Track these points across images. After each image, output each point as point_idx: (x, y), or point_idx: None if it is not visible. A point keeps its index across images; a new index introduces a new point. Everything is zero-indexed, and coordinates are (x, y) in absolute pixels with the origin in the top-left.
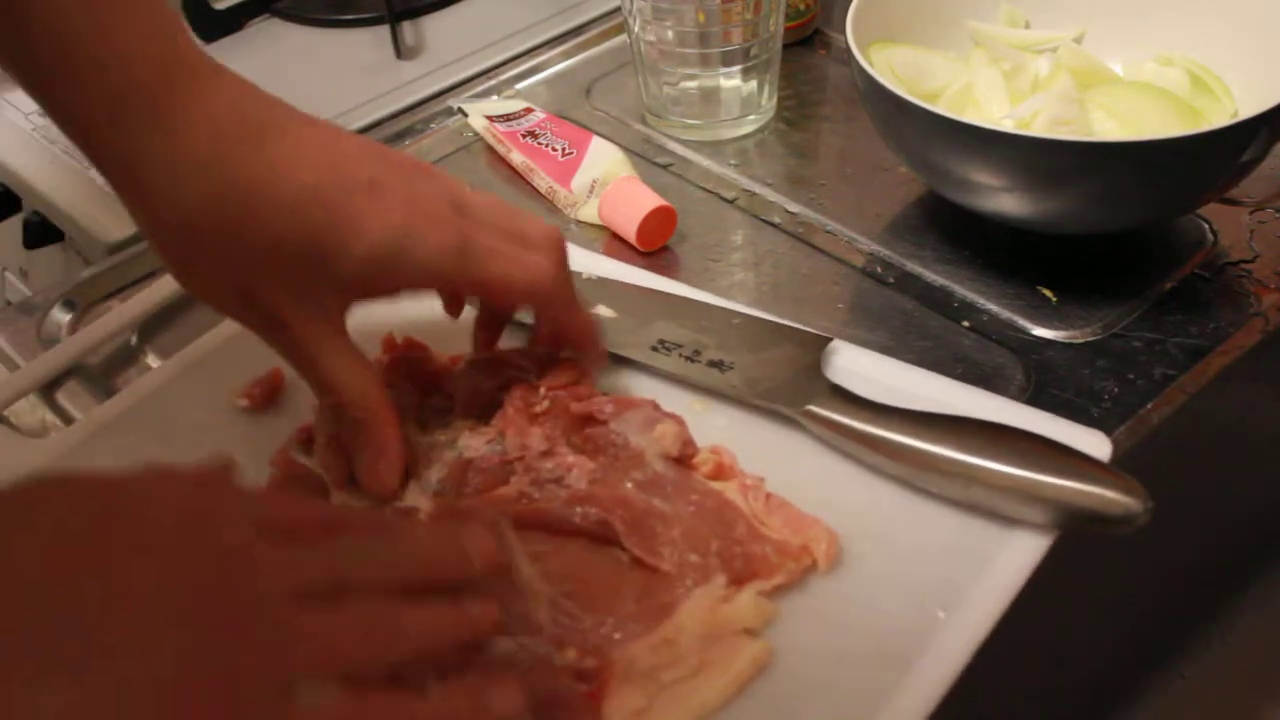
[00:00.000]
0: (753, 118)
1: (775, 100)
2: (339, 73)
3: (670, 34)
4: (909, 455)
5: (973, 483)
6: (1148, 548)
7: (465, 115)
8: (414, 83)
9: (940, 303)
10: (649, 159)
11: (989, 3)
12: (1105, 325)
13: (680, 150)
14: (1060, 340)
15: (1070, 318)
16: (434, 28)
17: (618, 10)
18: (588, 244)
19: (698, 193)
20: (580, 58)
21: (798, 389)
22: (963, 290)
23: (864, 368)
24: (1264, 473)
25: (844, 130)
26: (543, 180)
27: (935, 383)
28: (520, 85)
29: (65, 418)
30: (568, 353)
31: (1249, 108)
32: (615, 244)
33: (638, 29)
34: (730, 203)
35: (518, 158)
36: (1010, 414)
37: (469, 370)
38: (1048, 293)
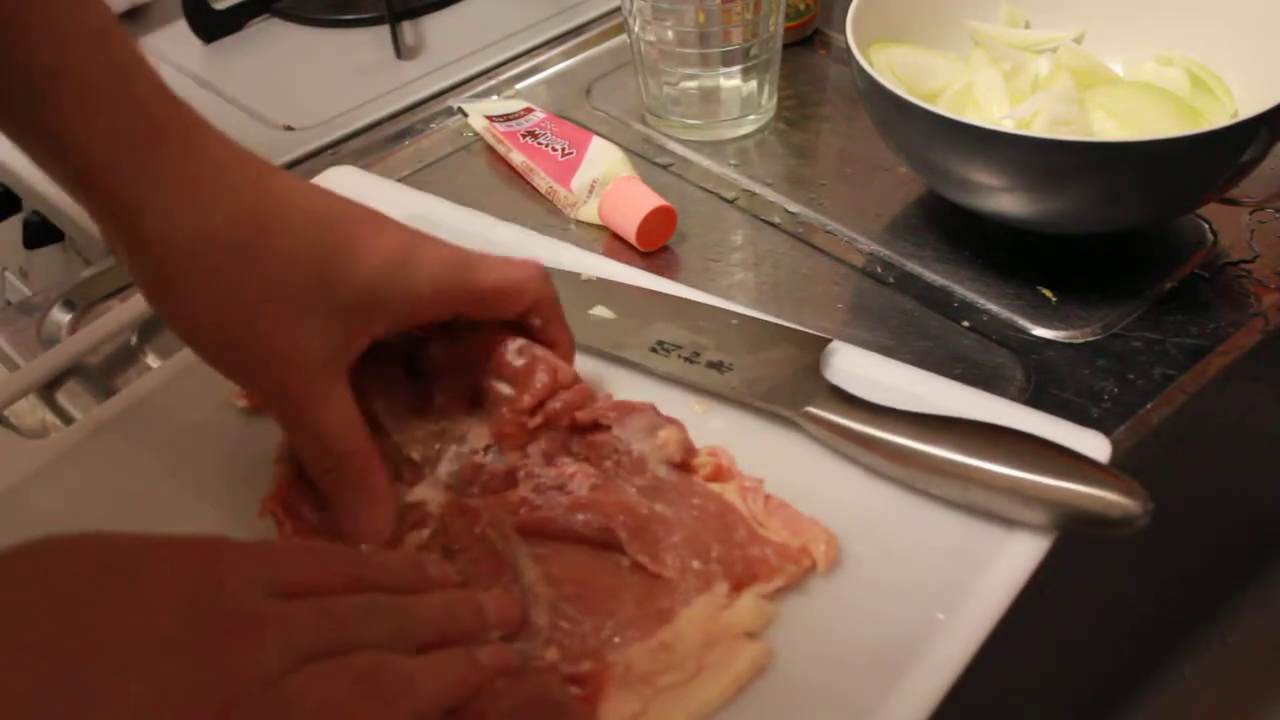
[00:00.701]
0: (753, 118)
1: (775, 100)
2: (339, 73)
3: (670, 34)
4: (908, 457)
5: (972, 484)
6: (1148, 548)
7: (465, 115)
8: (414, 83)
9: (940, 303)
10: (649, 159)
11: (989, 3)
12: (1105, 325)
13: (680, 150)
14: (1060, 340)
15: (1070, 318)
16: (434, 28)
17: (618, 10)
18: (588, 244)
19: (698, 193)
20: (580, 58)
21: (797, 390)
22: (963, 290)
23: (863, 369)
24: (1264, 473)
25: (844, 130)
26: (543, 180)
27: (934, 384)
28: (520, 85)
29: (65, 418)
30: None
31: (1249, 108)
32: (615, 244)
33: (638, 29)
34: (730, 203)
35: (518, 158)
36: (1009, 415)
37: (445, 352)
38: (1048, 293)
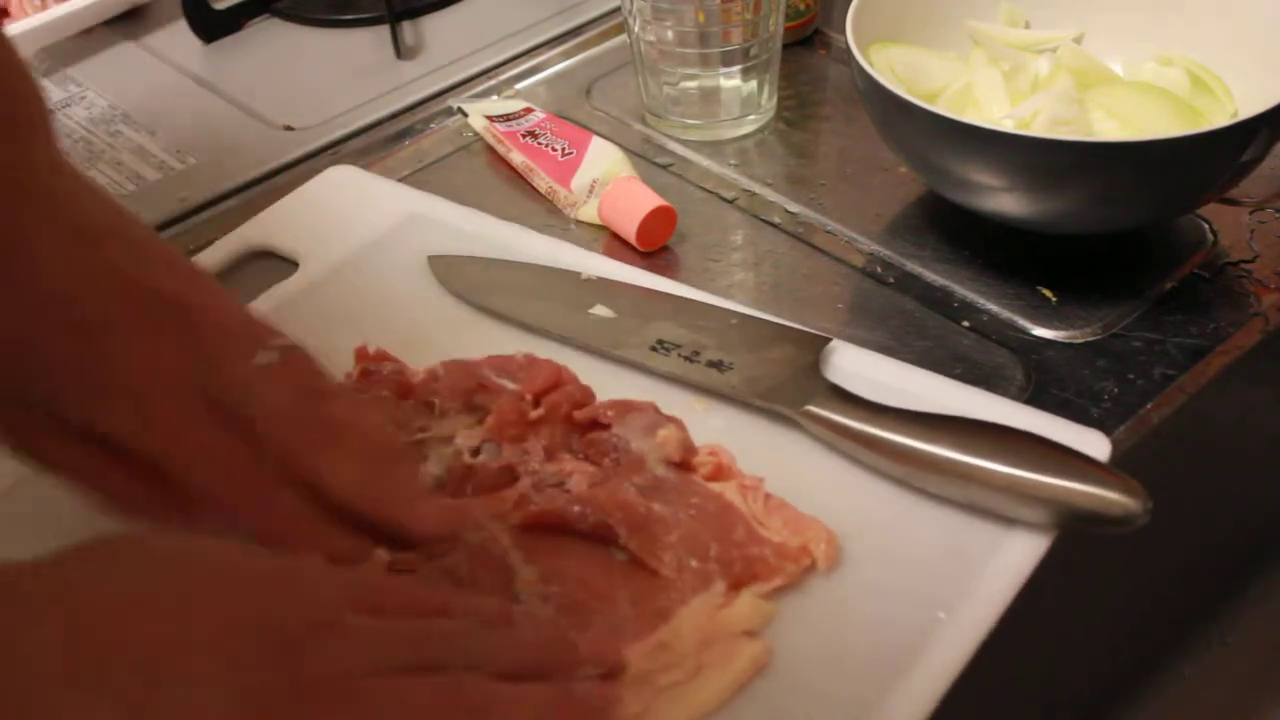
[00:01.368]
0: (753, 118)
1: (775, 100)
2: (339, 73)
3: (670, 34)
4: (908, 455)
5: (972, 483)
6: (1148, 548)
7: (465, 115)
8: (414, 83)
9: (940, 303)
10: (649, 159)
11: (989, 3)
12: (1105, 325)
13: (680, 150)
14: (1060, 340)
15: (1070, 318)
16: (434, 28)
17: (618, 10)
18: (588, 244)
19: (698, 193)
20: (580, 58)
21: (797, 389)
22: (963, 290)
23: (863, 368)
24: (1264, 473)
25: (844, 130)
26: (543, 180)
27: (934, 383)
28: (520, 85)
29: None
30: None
31: (1249, 108)
32: (615, 244)
33: (638, 29)
34: (730, 203)
35: (518, 158)
36: (1009, 414)
37: (446, 374)
38: (1048, 293)
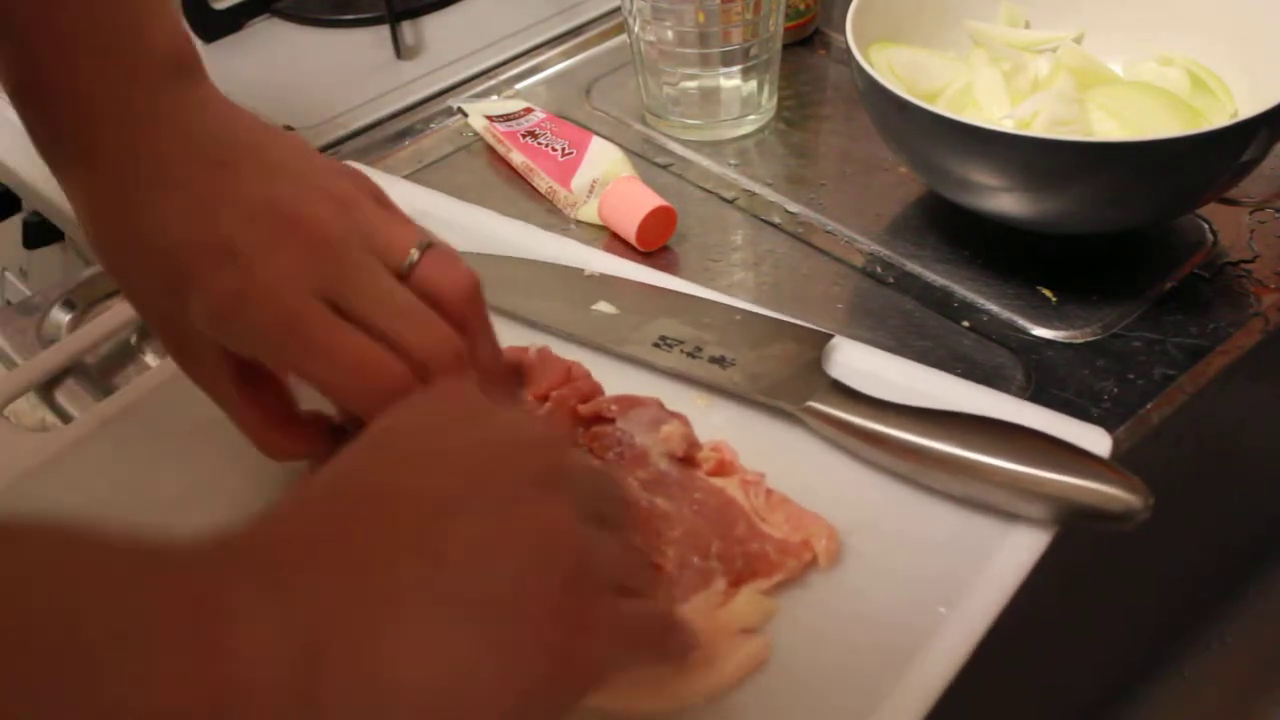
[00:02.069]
0: (753, 118)
1: (775, 100)
2: (339, 73)
3: (670, 34)
4: (910, 451)
5: (973, 478)
6: (1148, 548)
7: (465, 115)
8: (414, 83)
9: (940, 303)
10: (649, 159)
11: (989, 3)
12: (1105, 325)
13: (680, 150)
14: (1060, 340)
15: (1070, 318)
16: (434, 28)
17: (618, 10)
18: (588, 244)
19: (698, 193)
20: (580, 58)
21: (799, 385)
22: (963, 290)
23: (864, 364)
24: (1264, 473)
25: (844, 130)
26: (543, 180)
27: (936, 379)
28: (520, 85)
29: (64, 416)
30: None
31: (1249, 108)
32: (615, 244)
33: (638, 29)
34: (730, 203)
35: (518, 158)
36: (1011, 410)
37: None
38: (1048, 293)
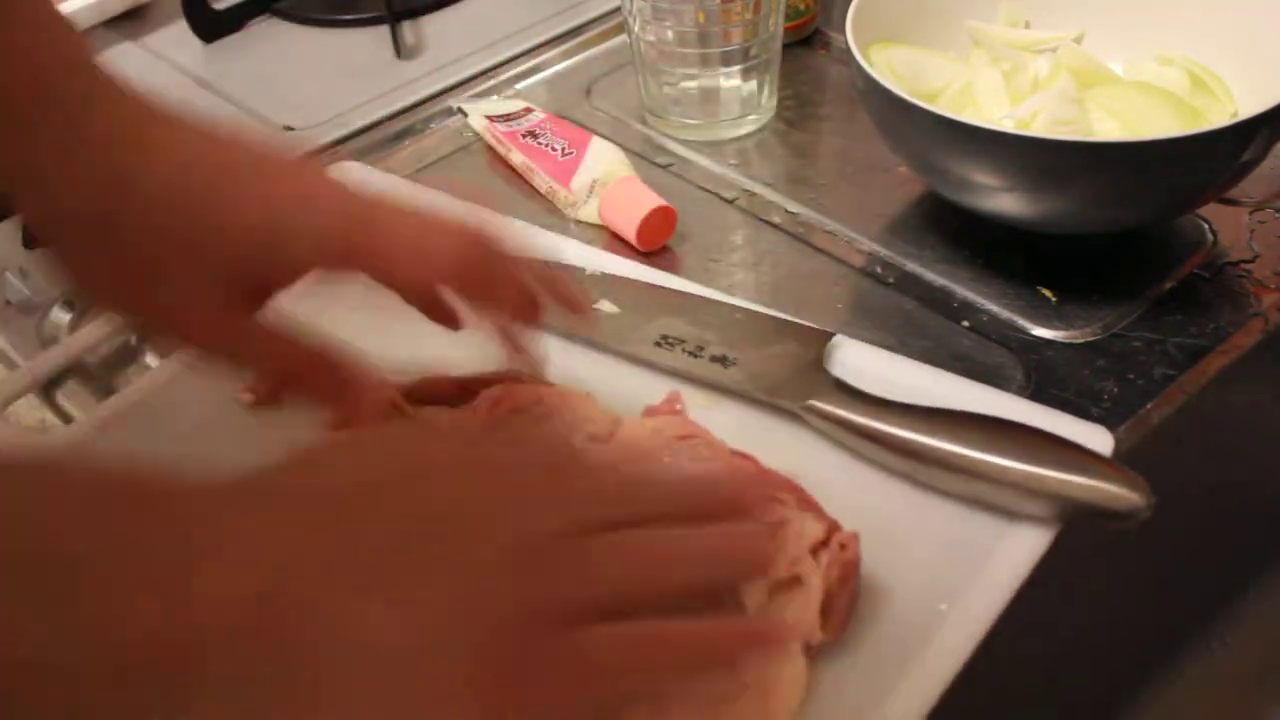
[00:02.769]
0: (753, 118)
1: (775, 100)
2: (339, 73)
3: (670, 34)
4: (911, 450)
5: (975, 477)
6: (1148, 547)
7: (465, 115)
8: (414, 83)
9: (940, 303)
10: (649, 159)
11: (989, 3)
12: (1105, 325)
13: (680, 150)
14: (1060, 340)
15: (1070, 318)
16: (434, 28)
17: (618, 10)
18: (588, 244)
19: (698, 193)
20: (580, 58)
21: (800, 384)
22: (963, 290)
23: (866, 363)
24: (1264, 473)
25: (844, 130)
26: (543, 180)
27: (937, 377)
28: (520, 85)
29: (65, 417)
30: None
31: (1249, 108)
32: (615, 244)
33: (638, 29)
34: (730, 203)
35: (518, 158)
36: (1012, 408)
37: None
38: (1048, 293)
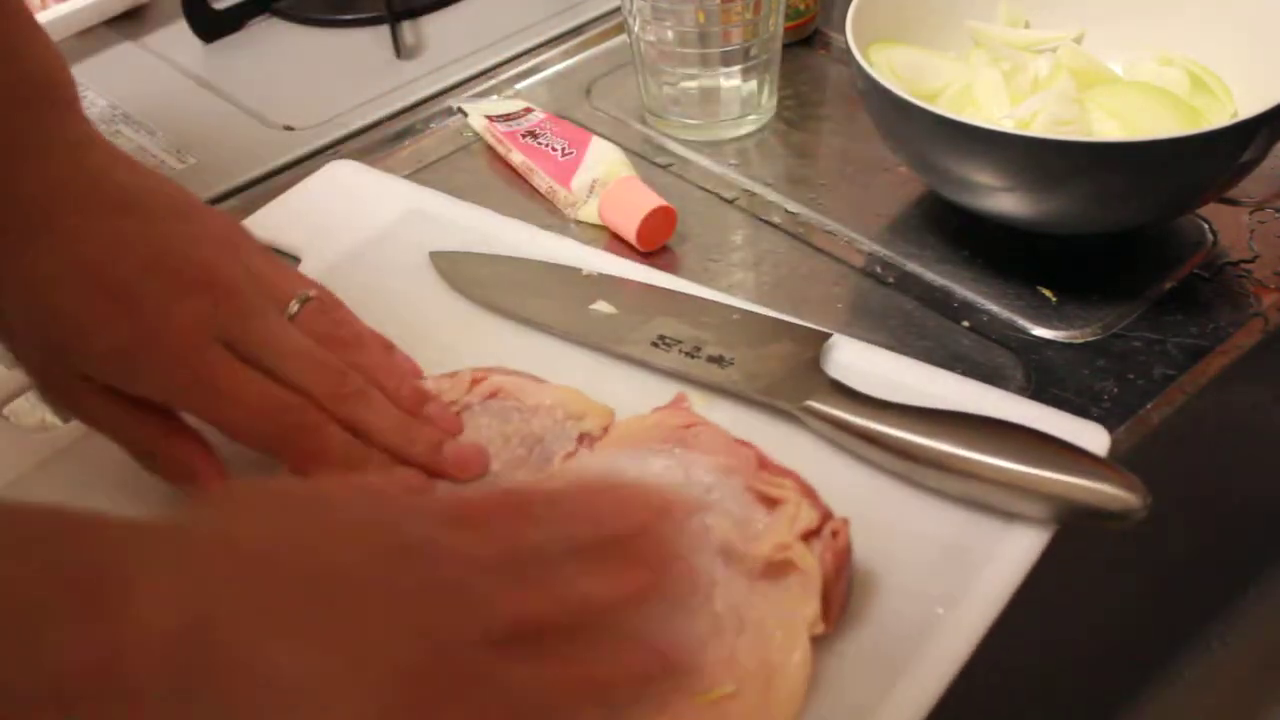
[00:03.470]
0: (753, 118)
1: (775, 100)
2: (339, 73)
3: (670, 34)
4: (908, 451)
5: (972, 478)
6: (1148, 547)
7: (465, 115)
8: (414, 83)
9: (940, 303)
10: (649, 159)
11: (989, 3)
12: (1105, 325)
13: (680, 150)
14: (1060, 340)
15: (1070, 318)
16: (434, 28)
17: (618, 10)
18: (588, 244)
19: (698, 193)
20: (580, 58)
21: (797, 384)
22: (963, 290)
23: (863, 363)
24: (1264, 473)
25: (844, 130)
26: (543, 180)
27: (935, 377)
28: (520, 85)
29: (64, 416)
30: None
31: (1249, 108)
32: (615, 244)
33: (638, 29)
34: (730, 203)
35: (517, 158)
36: (1009, 408)
37: None
38: (1048, 293)
